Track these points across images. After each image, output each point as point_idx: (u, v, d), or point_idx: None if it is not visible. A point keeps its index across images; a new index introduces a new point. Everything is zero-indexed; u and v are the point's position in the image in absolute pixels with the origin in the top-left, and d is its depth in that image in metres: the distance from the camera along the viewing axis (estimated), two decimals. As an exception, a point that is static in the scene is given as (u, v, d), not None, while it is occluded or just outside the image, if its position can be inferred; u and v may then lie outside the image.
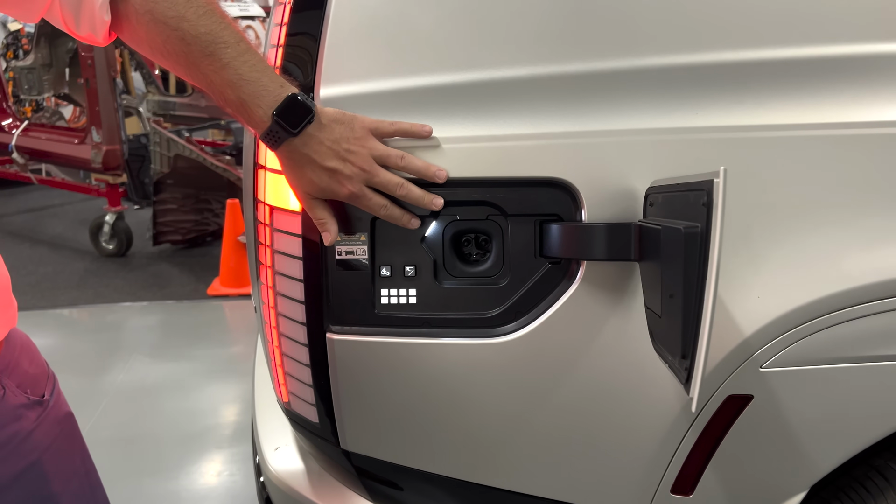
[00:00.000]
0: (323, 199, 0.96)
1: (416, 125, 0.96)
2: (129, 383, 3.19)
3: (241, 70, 0.88)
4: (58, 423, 1.01)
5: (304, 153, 0.92)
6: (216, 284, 4.43)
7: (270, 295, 1.09)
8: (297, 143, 0.91)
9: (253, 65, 0.89)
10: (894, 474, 1.08)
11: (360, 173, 0.93)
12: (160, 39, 0.86)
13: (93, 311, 4.23)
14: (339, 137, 0.92)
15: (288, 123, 0.89)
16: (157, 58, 0.89)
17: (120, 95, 4.94)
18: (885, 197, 0.96)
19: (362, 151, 0.93)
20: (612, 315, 0.98)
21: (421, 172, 0.95)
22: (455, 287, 1.01)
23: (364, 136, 0.93)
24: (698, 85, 0.96)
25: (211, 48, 0.86)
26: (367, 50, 0.99)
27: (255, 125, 0.91)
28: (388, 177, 0.94)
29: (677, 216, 0.80)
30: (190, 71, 0.89)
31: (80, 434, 1.07)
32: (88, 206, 6.42)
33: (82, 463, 1.06)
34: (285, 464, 1.27)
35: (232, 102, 0.90)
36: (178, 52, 0.87)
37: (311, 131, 0.91)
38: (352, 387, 1.06)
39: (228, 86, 0.88)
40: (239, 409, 2.94)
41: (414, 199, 0.95)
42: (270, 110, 0.89)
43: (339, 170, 0.92)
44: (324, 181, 0.93)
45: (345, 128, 0.93)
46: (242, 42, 0.88)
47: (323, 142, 0.91)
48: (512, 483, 1.08)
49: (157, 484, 2.45)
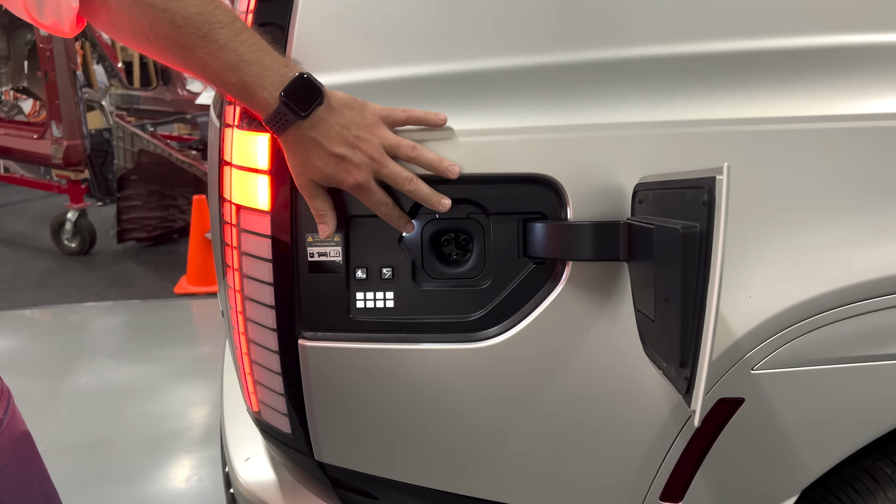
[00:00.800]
0: (325, 187, 0.90)
1: (429, 113, 0.90)
2: (92, 386, 3.11)
3: (240, 50, 0.81)
4: (12, 444, 0.94)
5: (311, 137, 0.85)
6: (183, 283, 4.38)
7: (238, 299, 1.03)
8: (305, 126, 0.85)
9: (252, 44, 0.82)
10: (884, 475, 1.06)
11: (369, 162, 0.87)
12: (146, 23, 0.80)
13: (55, 311, 4.15)
14: (350, 123, 0.86)
15: (297, 105, 0.83)
16: (143, 44, 0.82)
17: (81, 89, 4.86)
18: (876, 193, 0.94)
19: (373, 139, 0.87)
20: (600, 317, 0.95)
21: (433, 166, 0.90)
22: (435, 289, 0.97)
23: (375, 124, 0.88)
24: (688, 77, 0.93)
25: (205, 29, 0.80)
26: (339, 40, 0.94)
27: (260, 108, 0.85)
28: (398, 169, 0.88)
29: (672, 215, 0.76)
30: (183, 56, 0.82)
31: (37, 454, 1.00)
32: (49, 203, 6.32)
33: (41, 486, 0.99)
34: (256, 475, 1.22)
35: (233, 86, 0.83)
36: (168, 35, 0.80)
37: (321, 114, 0.85)
38: (326, 396, 1.01)
39: (228, 68, 0.82)
40: (208, 412, 2.88)
41: (422, 196, 0.90)
42: (277, 91, 0.83)
43: (348, 157, 0.86)
44: (330, 168, 0.87)
45: (355, 113, 0.87)
46: (238, 21, 0.82)
47: (332, 126, 0.85)
48: (496, 493, 1.05)
49: (124, 491, 2.38)
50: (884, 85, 0.94)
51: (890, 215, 0.94)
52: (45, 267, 4.85)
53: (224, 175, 1.02)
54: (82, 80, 4.99)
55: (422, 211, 0.94)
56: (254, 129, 0.94)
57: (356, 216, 0.95)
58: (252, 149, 0.95)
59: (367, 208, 0.92)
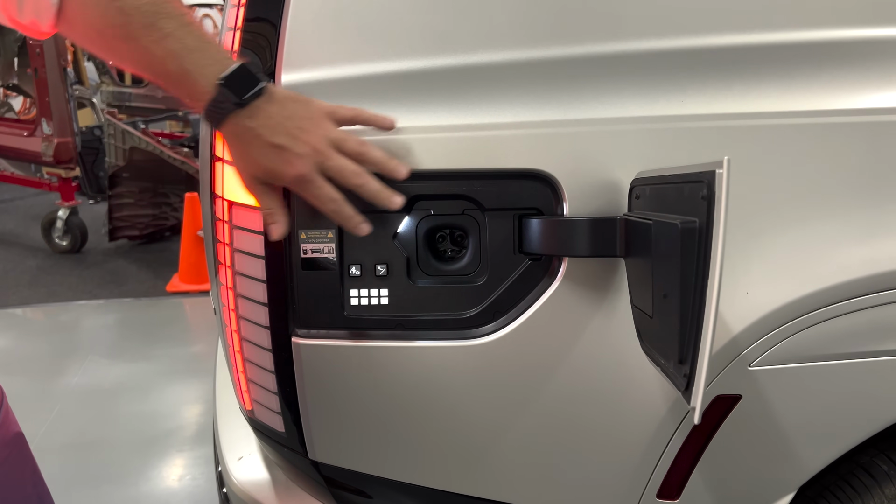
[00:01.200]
0: (270, 183, 0.87)
1: (378, 115, 0.88)
2: (84, 385, 3.09)
3: (185, 40, 0.80)
4: (6, 446, 0.93)
5: (250, 127, 0.82)
6: (175, 281, 4.36)
7: (231, 297, 1.02)
8: (243, 115, 0.82)
9: (198, 35, 0.81)
10: (880, 471, 1.06)
11: (311, 153, 0.83)
12: (98, 12, 0.79)
13: (46, 310, 4.11)
14: (292, 114, 0.83)
15: (234, 92, 0.81)
16: (93, 37, 0.82)
17: (72, 86, 4.83)
18: (873, 188, 0.93)
19: (317, 130, 0.84)
20: (596, 314, 0.94)
21: (379, 163, 0.87)
22: (430, 286, 0.96)
23: (320, 118, 0.85)
24: (685, 71, 0.92)
25: (152, 18, 0.79)
26: (332, 32, 0.93)
27: (199, 96, 0.82)
28: (344, 162, 0.85)
29: (670, 210, 0.75)
30: (128, 45, 0.80)
31: (31, 455, 0.98)
32: (40, 200, 6.28)
33: (34, 488, 0.98)
34: (249, 474, 1.20)
35: (172, 74, 0.82)
36: (116, 24, 0.79)
37: (261, 104, 0.82)
38: (320, 394, 1.00)
39: (171, 56, 0.80)
40: (201, 411, 2.86)
41: (370, 192, 0.86)
42: (216, 79, 0.81)
43: (289, 147, 0.83)
44: (269, 159, 0.83)
45: (299, 106, 0.85)
46: (186, 15, 0.81)
47: (273, 116, 0.83)
48: (491, 492, 1.04)
49: (116, 491, 2.36)
50: (880, 80, 0.93)
51: (888, 211, 0.93)
52: (37, 265, 4.81)
53: (216, 171, 1.01)
54: (73, 77, 4.96)
55: (417, 206, 0.93)
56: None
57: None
58: (244, 144, 0.93)
59: (361, 204, 0.90)
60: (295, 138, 0.83)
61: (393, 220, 0.93)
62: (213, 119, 0.83)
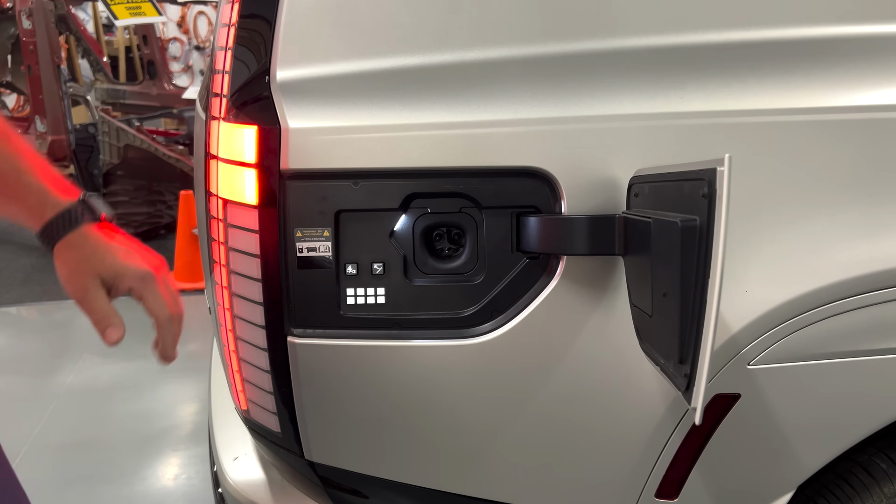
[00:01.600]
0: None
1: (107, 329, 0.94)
2: (79, 384, 3.07)
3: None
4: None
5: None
6: (171, 279, 4.32)
7: (226, 296, 1.01)
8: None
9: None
10: (879, 470, 1.05)
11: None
12: None
13: (40, 308, 4.10)
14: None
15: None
16: None
17: (66, 83, 4.80)
18: (873, 186, 0.93)
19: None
20: (595, 313, 0.93)
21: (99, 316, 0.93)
22: (427, 285, 0.95)
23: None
24: (684, 68, 0.91)
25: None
26: (328, 28, 0.91)
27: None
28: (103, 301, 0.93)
29: (669, 208, 0.75)
30: None
31: (9, 467, 0.96)
32: (34, 198, 6.22)
33: (13, 501, 0.96)
34: (245, 474, 1.20)
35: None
36: None
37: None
38: (316, 394, 0.99)
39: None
40: (196, 409, 2.86)
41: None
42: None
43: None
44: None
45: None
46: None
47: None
48: (489, 491, 1.03)
49: (111, 490, 2.35)
50: (880, 76, 0.92)
51: (887, 209, 0.93)
52: (31, 264, 4.79)
53: (210, 169, 1.00)
54: (67, 75, 4.94)
55: (414, 204, 0.92)
56: (241, 122, 0.92)
57: (345, 210, 0.93)
58: (239, 141, 0.93)
59: (357, 202, 0.91)
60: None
61: (389, 218, 0.93)
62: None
